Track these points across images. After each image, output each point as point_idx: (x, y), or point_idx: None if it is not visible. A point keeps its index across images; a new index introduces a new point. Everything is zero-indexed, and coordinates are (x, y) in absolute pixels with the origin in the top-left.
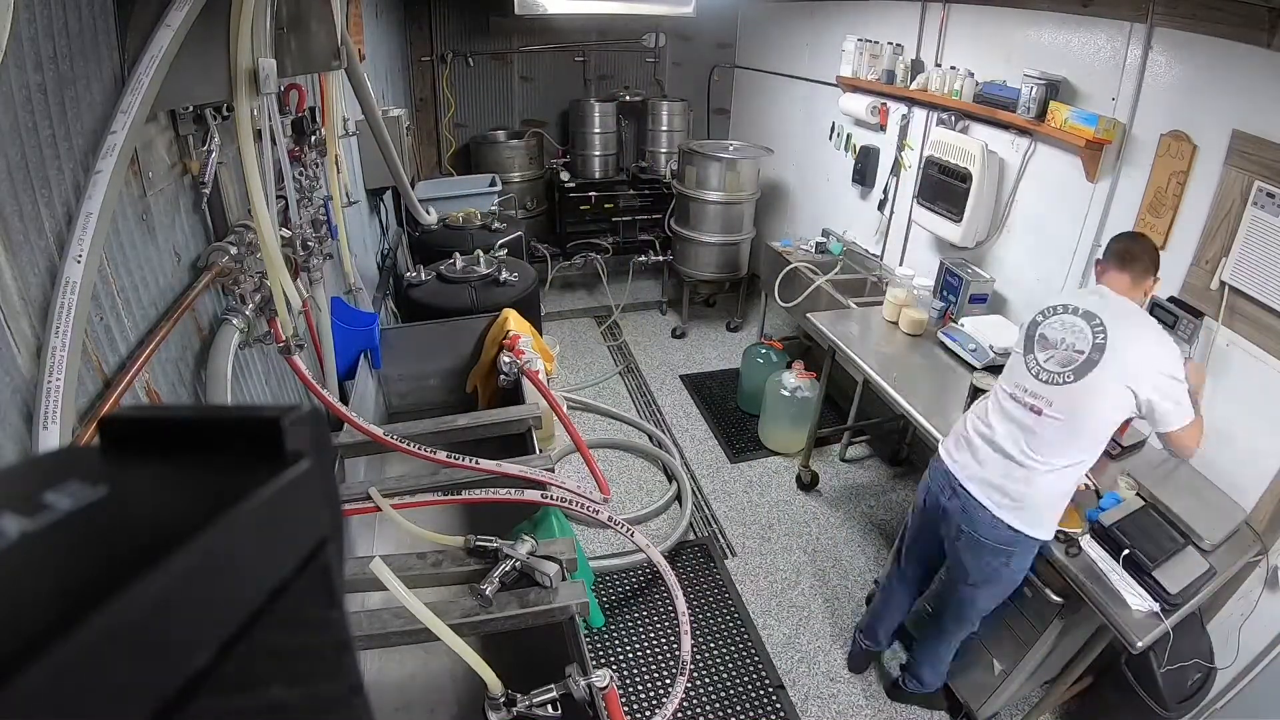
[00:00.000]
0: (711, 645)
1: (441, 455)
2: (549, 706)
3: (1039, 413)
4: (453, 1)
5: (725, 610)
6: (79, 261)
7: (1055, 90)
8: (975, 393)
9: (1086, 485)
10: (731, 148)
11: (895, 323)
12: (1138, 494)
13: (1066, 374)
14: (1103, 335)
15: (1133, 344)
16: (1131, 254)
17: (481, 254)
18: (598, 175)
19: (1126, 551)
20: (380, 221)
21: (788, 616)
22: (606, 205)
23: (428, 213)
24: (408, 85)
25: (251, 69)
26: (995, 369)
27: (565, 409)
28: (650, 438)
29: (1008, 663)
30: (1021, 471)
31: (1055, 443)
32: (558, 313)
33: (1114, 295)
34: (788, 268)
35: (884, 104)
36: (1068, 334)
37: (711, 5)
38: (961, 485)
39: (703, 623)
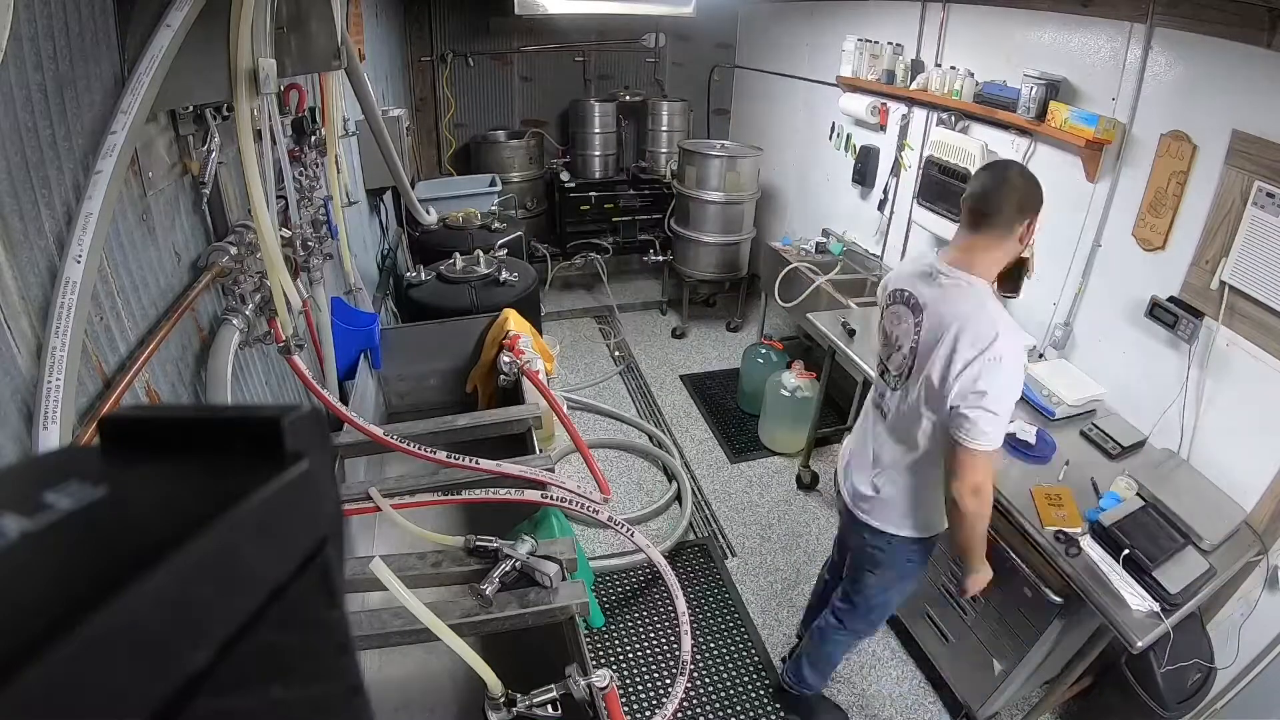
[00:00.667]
0: (711, 645)
1: (441, 455)
2: (549, 706)
3: (885, 415)
4: (453, 2)
5: (725, 610)
6: (79, 261)
7: (1055, 90)
8: None
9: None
10: (720, 145)
11: None
12: (1138, 494)
13: (896, 376)
14: (919, 333)
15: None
16: (988, 206)
17: (481, 254)
18: (598, 175)
19: (1126, 551)
20: (380, 221)
21: (788, 616)
22: (606, 205)
23: (428, 213)
24: (408, 85)
25: (251, 69)
26: None
27: (565, 409)
28: (650, 438)
29: (1008, 663)
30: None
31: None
32: (558, 313)
33: (954, 276)
34: (788, 268)
35: (884, 104)
36: (898, 329)
37: (711, 5)
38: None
39: (703, 623)
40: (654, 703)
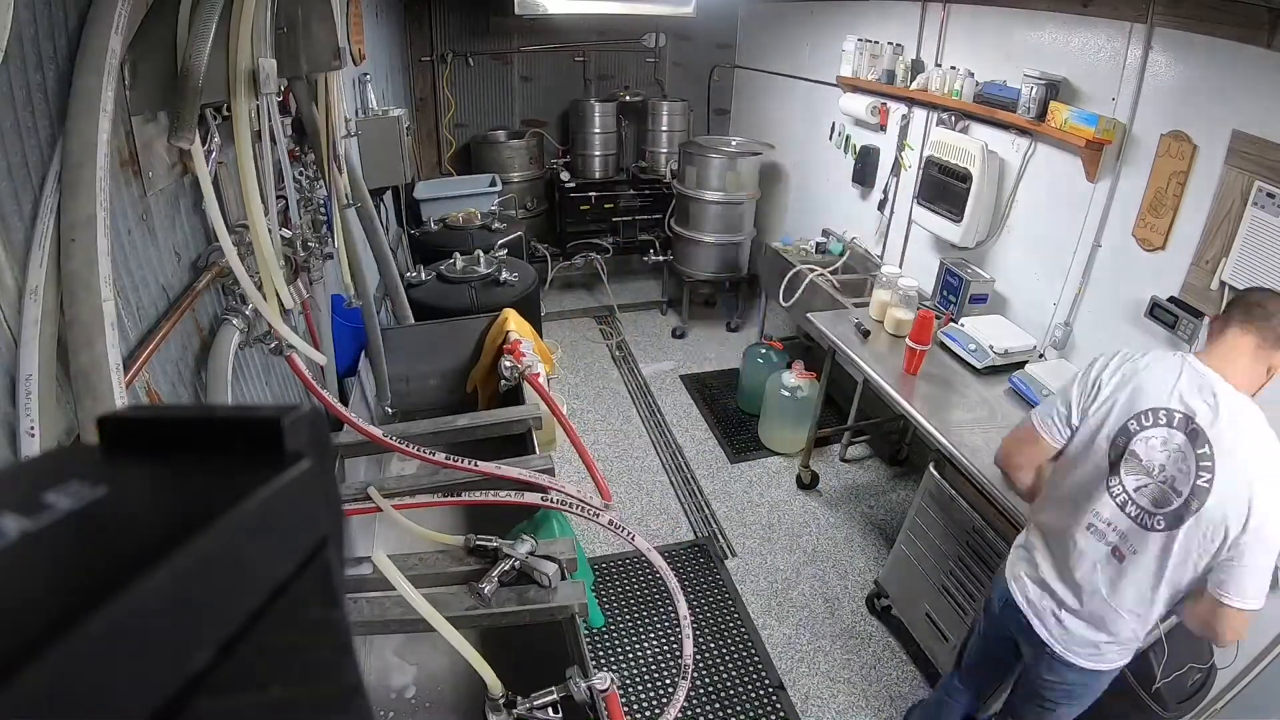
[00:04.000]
0: (712, 646)
1: (440, 457)
2: (549, 709)
3: (1122, 558)
4: (453, 1)
5: (725, 610)
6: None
7: (1055, 90)
8: None
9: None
10: (734, 142)
11: (881, 322)
12: None
13: (1158, 518)
14: (1208, 475)
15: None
16: (1263, 310)
17: (481, 254)
18: (598, 175)
19: None
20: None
21: (788, 616)
22: (606, 205)
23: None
24: (408, 85)
25: (251, 69)
26: (998, 369)
27: (565, 410)
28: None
29: None
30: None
31: (1143, 588)
32: (558, 313)
33: (1226, 390)
34: (791, 271)
35: (884, 104)
36: (1169, 461)
37: (711, 5)
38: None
39: (703, 623)
40: (655, 704)
